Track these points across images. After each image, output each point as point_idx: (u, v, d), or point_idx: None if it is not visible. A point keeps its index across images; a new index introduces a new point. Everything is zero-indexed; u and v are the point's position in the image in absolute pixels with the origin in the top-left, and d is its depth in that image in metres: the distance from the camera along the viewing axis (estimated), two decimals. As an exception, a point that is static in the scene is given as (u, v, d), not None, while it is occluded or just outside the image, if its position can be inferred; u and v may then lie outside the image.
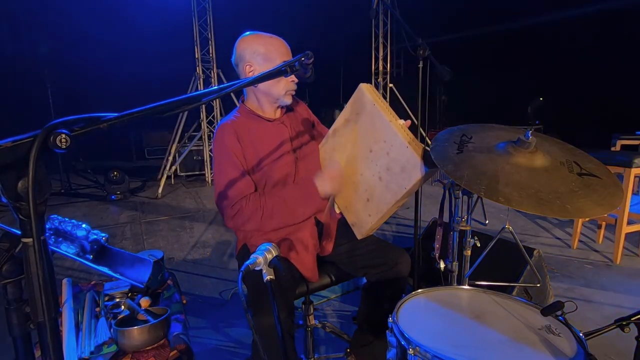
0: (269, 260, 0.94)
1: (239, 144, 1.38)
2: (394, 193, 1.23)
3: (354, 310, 2.33)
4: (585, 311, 2.26)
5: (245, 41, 1.41)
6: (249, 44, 1.39)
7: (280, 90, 1.41)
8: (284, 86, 1.40)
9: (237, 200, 1.34)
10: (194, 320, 2.30)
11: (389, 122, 1.20)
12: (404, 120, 1.25)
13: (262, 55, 1.38)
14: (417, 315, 1.03)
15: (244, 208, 1.33)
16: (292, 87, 1.43)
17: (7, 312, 0.62)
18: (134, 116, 0.65)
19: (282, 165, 1.43)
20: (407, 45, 1.87)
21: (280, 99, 1.43)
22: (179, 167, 6.57)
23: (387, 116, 1.21)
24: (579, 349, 0.88)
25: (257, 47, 1.38)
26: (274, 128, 1.46)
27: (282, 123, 1.48)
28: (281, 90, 1.41)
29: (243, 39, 1.42)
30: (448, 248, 1.36)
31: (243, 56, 1.40)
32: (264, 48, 1.38)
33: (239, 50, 1.41)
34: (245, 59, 1.39)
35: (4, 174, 0.55)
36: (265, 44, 1.39)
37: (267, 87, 1.40)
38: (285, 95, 1.42)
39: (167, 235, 3.96)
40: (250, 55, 1.38)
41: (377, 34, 7.69)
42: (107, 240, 1.42)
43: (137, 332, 1.13)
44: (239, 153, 1.38)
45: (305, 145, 1.52)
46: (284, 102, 1.44)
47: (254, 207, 1.33)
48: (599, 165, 1.08)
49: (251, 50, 1.38)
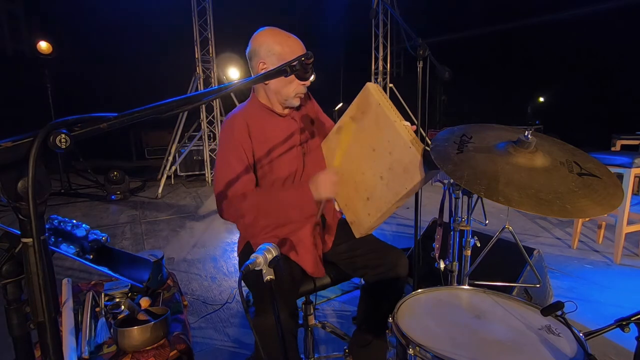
0: (269, 260, 0.93)
1: (248, 138, 1.37)
2: (394, 193, 1.23)
3: (354, 310, 2.33)
4: (585, 311, 2.26)
5: (262, 36, 1.38)
6: (265, 41, 1.36)
7: (291, 92, 1.40)
8: (294, 89, 1.39)
9: (236, 195, 1.33)
10: (194, 320, 2.30)
11: (393, 123, 1.20)
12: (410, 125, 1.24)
13: (277, 55, 1.35)
14: (417, 315, 1.03)
15: (241, 204, 1.33)
16: (302, 90, 1.42)
17: (7, 312, 0.62)
18: (134, 116, 0.65)
19: (290, 159, 1.44)
20: (407, 45, 1.86)
21: (289, 100, 1.42)
22: (179, 167, 6.57)
23: (392, 117, 1.22)
24: (579, 349, 0.87)
25: (273, 46, 1.35)
26: (284, 123, 1.47)
27: (292, 118, 1.49)
28: (291, 92, 1.40)
29: (260, 33, 1.39)
30: (448, 248, 1.36)
31: (258, 52, 1.37)
32: (280, 47, 1.35)
33: (255, 45, 1.38)
34: (260, 56, 1.37)
35: (4, 174, 0.55)
36: (281, 43, 1.36)
37: (277, 87, 1.39)
38: (295, 97, 1.41)
39: (167, 235, 3.96)
40: (265, 52, 1.36)
41: (377, 34, 7.69)
42: (107, 240, 1.41)
43: (137, 332, 1.13)
44: (247, 147, 1.37)
45: (312, 139, 1.53)
46: (292, 103, 1.43)
47: (251, 204, 1.33)
48: (599, 165, 1.08)
49: (267, 47, 1.35)
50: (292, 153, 1.45)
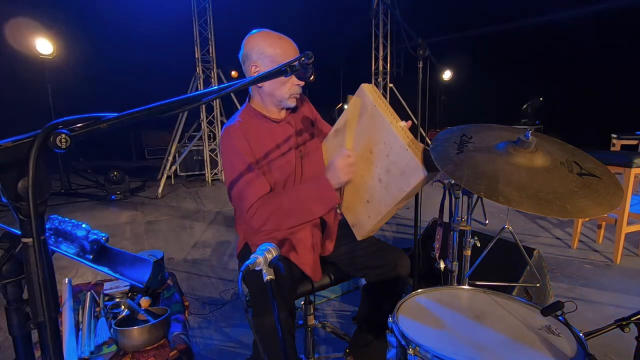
0: (269, 260, 0.93)
1: (247, 145, 1.36)
2: (393, 196, 1.22)
3: (354, 310, 2.33)
4: (585, 311, 2.26)
5: (254, 39, 1.37)
6: (257, 43, 1.36)
7: (285, 93, 1.38)
8: (288, 89, 1.38)
9: (254, 201, 1.32)
10: (194, 320, 2.30)
11: (389, 124, 1.19)
12: (405, 122, 1.23)
13: (270, 57, 1.34)
14: (417, 315, 1.03)
15: (261, 209, 1.31)
16: (296, 90, 1.40)
17: (7, 312, 0.62)
18: (134, 116, 0.65)
19: (286, 162, 1.43)
20: (407, 45, 1.87)
21: (284, 102, 1.41)
22: (179, 167, 6.57)
23: (388, 118, 1.20)
24: (579, 349, 0.88)
25: (265, 48, 1.34)
26: (280, 128, 1.45)
27: (288, 123, 1.47)
28: (285, 94, 1.38)
29: (252, 36, 1.38)
30: (448, 248, 1.36)
31: (250, 55, 1.37)
32: (272, 50, 1.34)
33: (247, 48, 1.38)
34: (252, 59, 1.36)
35: (4, 174, 0.55)
36: (273, 45, 1.35)
37: (271, 89, 1.38)
38: (290, 98, 1.40)
39: (167, 235, 3.96)
40: (257, 55, 1.35)
41: (377, 34, 7.69)
42: (107, 240, 1.41)
43: (137, 332, 1.14)
44: (249, 153, 1.36)
45: (309, 142, 1.51)
46: (288, 104, 1.42)
47: (272, 207, 1.32)
48: (599, 165, 1.08)
49: (259, 50, 1.35)
50: (288, 157, 1.43)
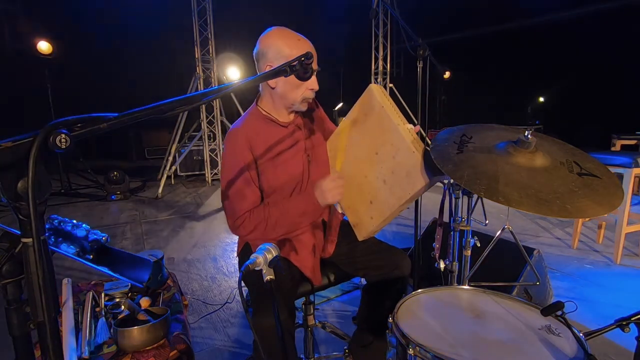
0: (269, 260, 0.93)
1: (250, 154, 1.34)
2: (397, 197, 1.21)
3: (354, 310, 2.33)
4: (585, 311, 2.26)
5: (270, 38, 1.32)
6: (274, 42, 1.30)
7: (297, 96, 1.35)
8: (302, 93, 1.35)
9: (243, 213, 1.33)
10: (194, 320, 2.30)
11: (397, 126, 1.18)
12: (414, 126, 1.21)
13: (286, 58, 1.27)
14: (417, 315, 1.03)
15: (248, 220, 1.33)
16: (310, 95, 1.37)
17: (7, 312, 0.62)
18: (134, 116, 0.65)
19: (294, 167, 1.41)
20: (407, 45, 1.87)
21: (296, 105, 1.38)
22: (179, 167, 6.57)
23: (395, 119, 1.19)
24: (579, 349, 0.87)
25: (283, 49, 1.29)
26: (287, 132, 1.42)
27: (297, 126, 1.45)
28: (298, 97, 1.35)
29: (268, 34, 1.33)
30: (448, 248, 1.36)
31: (265, 54, 1.32)
32: (289, 51, 1.29)
33: (262, 46, 1.32)
34: (267, 58, 1.31)
35: (4, 174, 0.55)
36: (290, 45, 1.30)
37: (284, 91, 1.35)
38: (302, 102, 1.37)
39: (167, 235, 3.96)
40: (273, 55, 1.30)
41: (377, 34, 7.70)
42: (107, 240, 1.41)
43: (137, 332, 1.14)
44: (250, 164, 1.34)
45: (318, 146, 1.49)
46: (299, 108, 1.39)
47: (259, 219, 1.33)
48: (599, 165, 1.08)
49: (275, 50, 1.29)
50: (296, 161, 1.42)
